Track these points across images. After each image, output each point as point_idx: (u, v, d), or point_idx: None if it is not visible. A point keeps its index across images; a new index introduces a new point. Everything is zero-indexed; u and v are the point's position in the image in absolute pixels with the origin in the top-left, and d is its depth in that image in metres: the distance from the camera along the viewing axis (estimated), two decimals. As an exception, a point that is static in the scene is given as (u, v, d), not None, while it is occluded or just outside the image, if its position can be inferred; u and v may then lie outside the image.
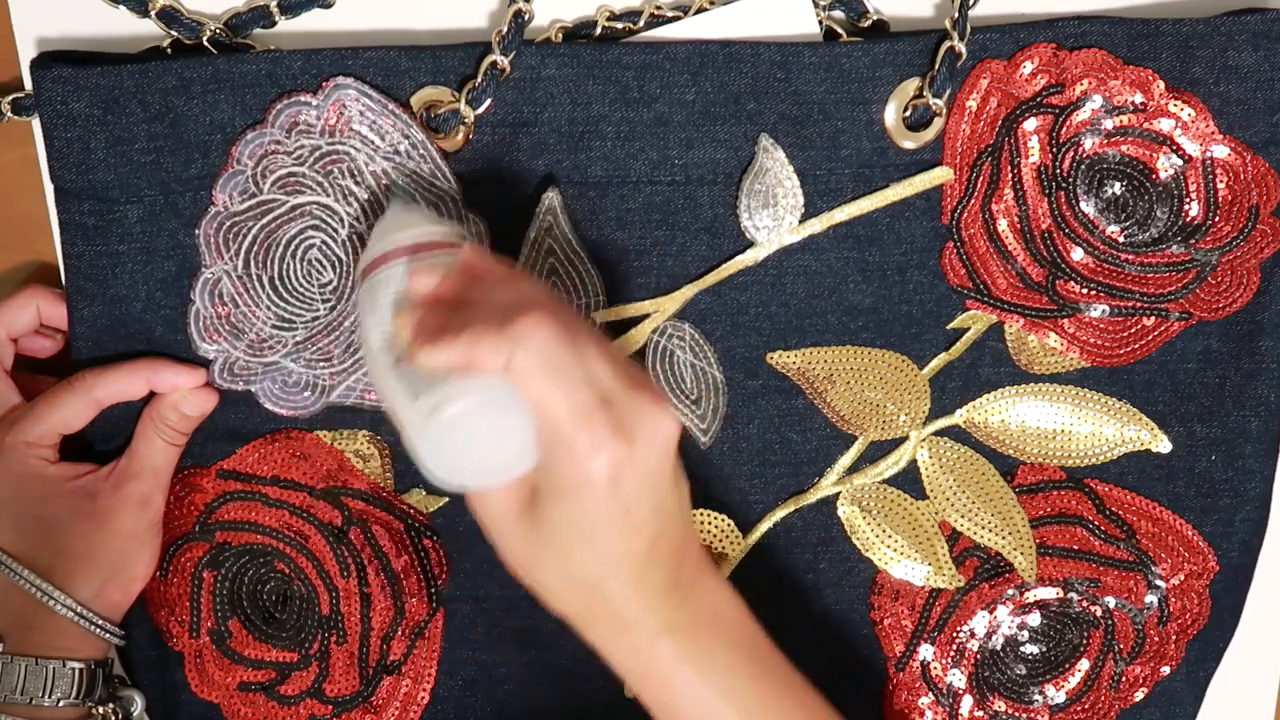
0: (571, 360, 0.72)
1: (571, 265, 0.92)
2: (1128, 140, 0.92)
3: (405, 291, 0.79)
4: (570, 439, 0.72)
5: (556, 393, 0.72)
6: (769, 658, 0.82)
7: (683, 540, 0.78)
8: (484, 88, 0.88)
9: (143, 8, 0.90)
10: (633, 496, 0.74)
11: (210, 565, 0.95)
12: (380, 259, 0.81)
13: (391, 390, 0.76)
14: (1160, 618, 0.99)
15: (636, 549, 0.75)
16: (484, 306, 0.74)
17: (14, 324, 0.92)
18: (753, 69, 0.90)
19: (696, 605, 0.79)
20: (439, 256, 0.80)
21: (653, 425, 0.74)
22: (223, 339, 0.91)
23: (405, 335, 0.76)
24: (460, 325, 0.73)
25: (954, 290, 0.94)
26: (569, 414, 0.72)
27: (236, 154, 0.89)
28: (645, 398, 0.74)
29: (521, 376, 0.72)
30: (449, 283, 0.78)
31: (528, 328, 0.72)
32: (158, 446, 0.91)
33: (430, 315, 0.76)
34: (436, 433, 0.73)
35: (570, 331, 0.73)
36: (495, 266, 0.79)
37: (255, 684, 0.96)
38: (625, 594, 0.76)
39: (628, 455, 0.73)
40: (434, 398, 0.73)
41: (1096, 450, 0.96)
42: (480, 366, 0.72)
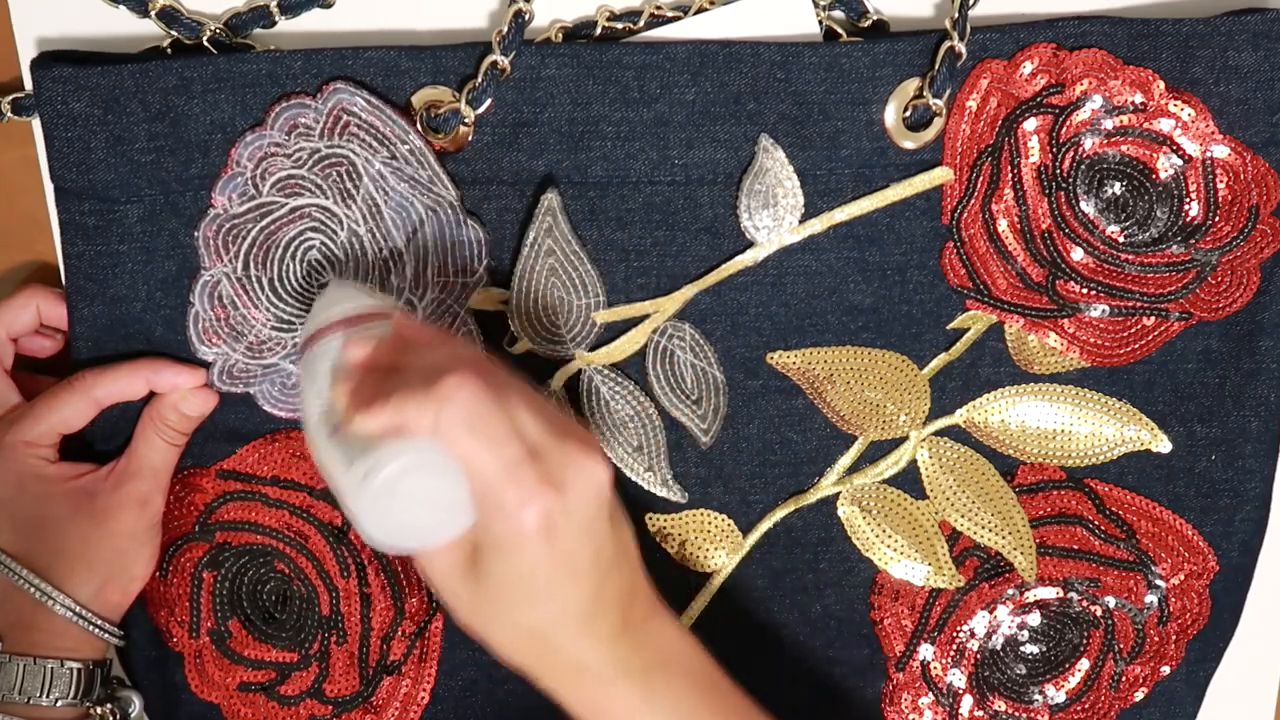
0: (496, 416, 0.73)
1: (571, 265, 0.92)
2: (1128, 140, 0.92)
3: (340, 362, 0.79)
4: (501, 494, 0.73)
5: (483, 449, 0.73)
6: (728, 694, 0.83)
7: (629, 584, 0.79)
8: (484, 88, 0.88)
9: (143, 8, 0.90)
10: (570, 545, 0.74)
11: (210, 565, 0.95)
12: (317, 334, 0.82)
13: (328, 460, 0.77)
14: (1160, 618, 0.99)
15: (581, 597, 0.76)
16: (414, 371, 0.75)
17: (14, 324, 0.92)
18: (753, 69, 0.90)
19: (650, 647, 0.80)
20: (373, 327, 0.81)
21: (583, 473, 0.75)
22: (222, 341, 0.91)
23: (342, 404, 0.77)
24: (390, 391, 0.74)
25: (954, 290, 0.94)
26: (497, 469, 0.73)
27: (236, 156, 0.89)
28: (574, 447, 0.75)
29: (448, 436, 0.72)
30: (381, 351, 0.79)
31: (450, 388, 0.72)
32: (157, 447, 0.91)
33: (364, 384, 0.76)
34: (371, 497, 0.74)
35: (495, 388, 0.74)
36: (426, 332, 0.81)
37: (255, 684, 0.96)
38: (575, 643, 0.77)
39: (560, 505, 0.73)
40: (366, 463, 0.73)
41: (1096, 450, 0.96)
42: (409, 429, 0.73)
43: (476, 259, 0.91)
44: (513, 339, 0.92)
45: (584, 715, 0.79)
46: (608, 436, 0.94)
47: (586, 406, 0.94)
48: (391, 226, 0.90)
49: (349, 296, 0.84)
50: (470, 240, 0.91)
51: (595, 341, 0.93)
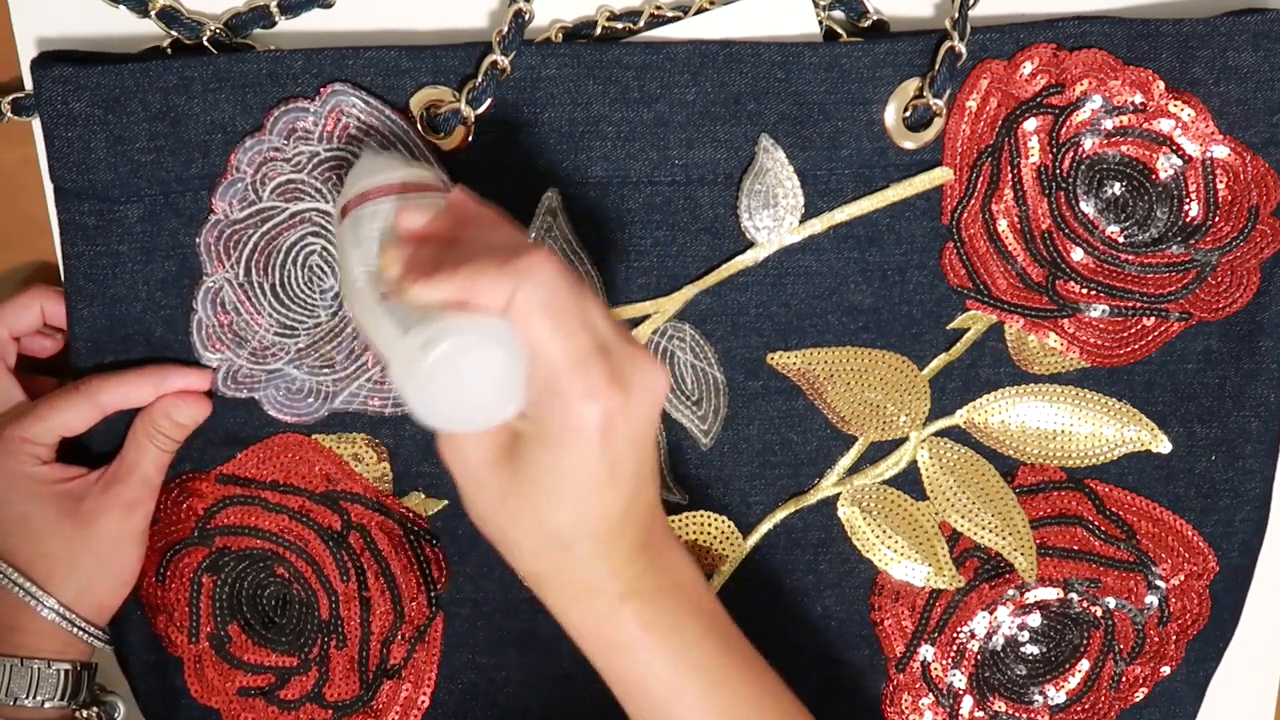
0: (573, 304, 0.70)
1: (571, 265, 0.91)
2: (1128, 140, 0.92)
3: (393, 228, 0.76)
4: (566, 384, 0.70)
5: (557, 335, 0.70)
6: (731, 631, 0.81)
7: (653, 507, 0.77)
8: (484, 88, 0.88)
9: (143, 8, 0.90)
10: (620, 450, 0.72)
11: (209, 570, 0.94)
12: (364, 195, 0.79)
13: (377, 326, 0.74)
14: (1160, 618, 0.99)
15: (614, 507, 0.73)
16: (479, 246, 0.72)
17: (17, 323, 0.92)
18: (753, 69, 0.90)
19: (663, 572, 0.77)
20: (427, 197, 0.78)
21: (647, 378, 0.72)
22: (226, 347, 0.91)
23: (394, 270, 0.73)
24: (456, 262, 0.71)
25: (954, 290, 0.94)
26: (567, 358, 0.70)
27: (235, 161, 0.89)
28: (640, 351, 0.73)
29: (523, 315, 0.69)
30: (439, 222, 0.76)
31: (533, 264, 0.69)
32: (149, 452, 0.91)
33: (421, 253, 0.73)
34: (427, 369, 0.70)
35: (573, 276, 0.71)
36: (486, 210, 0.77)
37: (255, 689, 0.96)
38: (596, 553, 0.75)
39: (621, 405, 0.71)
40: (426, 333, 0.70)
41: (1096, 451, 0.96)
42: (479, 303, 0.70)
43: (476, 260, 0.91)
44: (513, 340, 0.92)
45: (589, 635, 0.77)
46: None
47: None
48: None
49: (396, 164, 0.81)
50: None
51: (595, 342, 0.93)
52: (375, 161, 0.82)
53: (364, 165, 0.82)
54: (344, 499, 0.94)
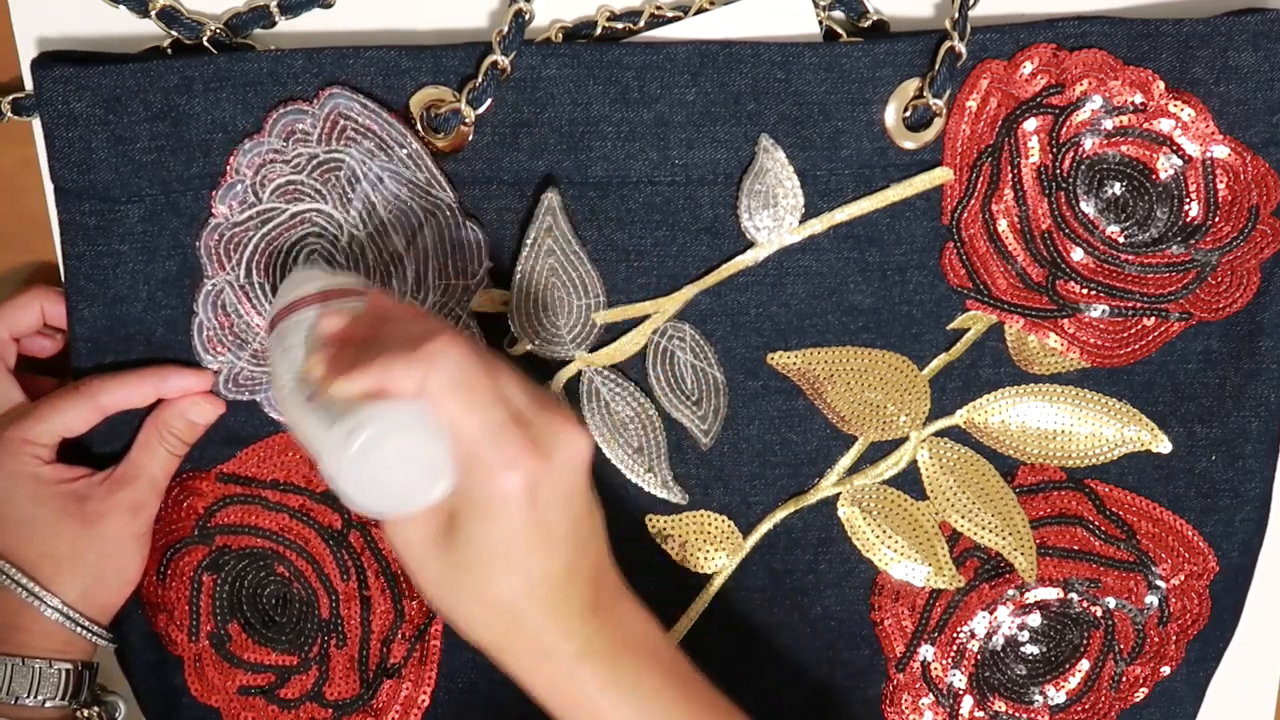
0: (484, 379, 0.73)
1: (571, 265, 0.92)
2: (1128, 140, 0.92)
3: (316, 333, 0.79)
4: (485, 456, 0.73)
5: (469, 411, 0.72)
6: (692, 679, 0.82)
7: (599, 563, 0.79)
8: (484, 88, 0.88)
9: (143, 8, 0.90)
10: (551, 513, 0.74)
11: (210, 569, 0.95)
12: (290, 307, 0.82)
13: (307, 424, 0.77)
14: (1160, 618, 0.99)
15: (555, 570, 0.75)
16: (395, 339, 0.75)
17: (17, 324, 0.92)
18: (753, 69, 0.90)
19: (617, 629, 0.79)
20: (348, 301, 0.81)
21: (568, 441, 0.75)
22: (226, 350, 0.91)
23: (318, 372, 0.76)
24: (372, 356, 0.74)
25: (954, 290, 0.94)
26: (483, 432, 0.73)
27: (234, 164, 0.89)
28: (558, 416, 0.75)
29: (435, 397, 0.72)
30: (359, 323, 0.79)
31: (439, 347, 0.72)
32: (158, 455, 0.91)
33: (342, 353, 0.76)
34: (354, 457, 0.73)
35: (481, 353, 0.74)
36: (403, 306, 0.81)
37: (255, 687, 0.96)
38: (545, 619, 0.76)
39: (543, 470, 0.73)
40: (349, 423, 0.73)
41: (1096, 450, 0.96)
42: (394, 391, 0.73)
43: (477, 261, 0.91)
44: (513, 340, 0.92)
45: (550, 699, 0.79)
46: (608, 437, 0.94)
47: (587, 407, 0.94)
48: (391, 230, 0.90)
49: (320, 275, 0.84)
50: (470, 242, 0.91)
51: (595, 342, 0.93)
52: (299, 276, 0.84)
53: (289, 281, 0.84)
54: (344, 498, 0.94)
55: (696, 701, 0.81)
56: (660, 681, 0.79)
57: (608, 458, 0.94)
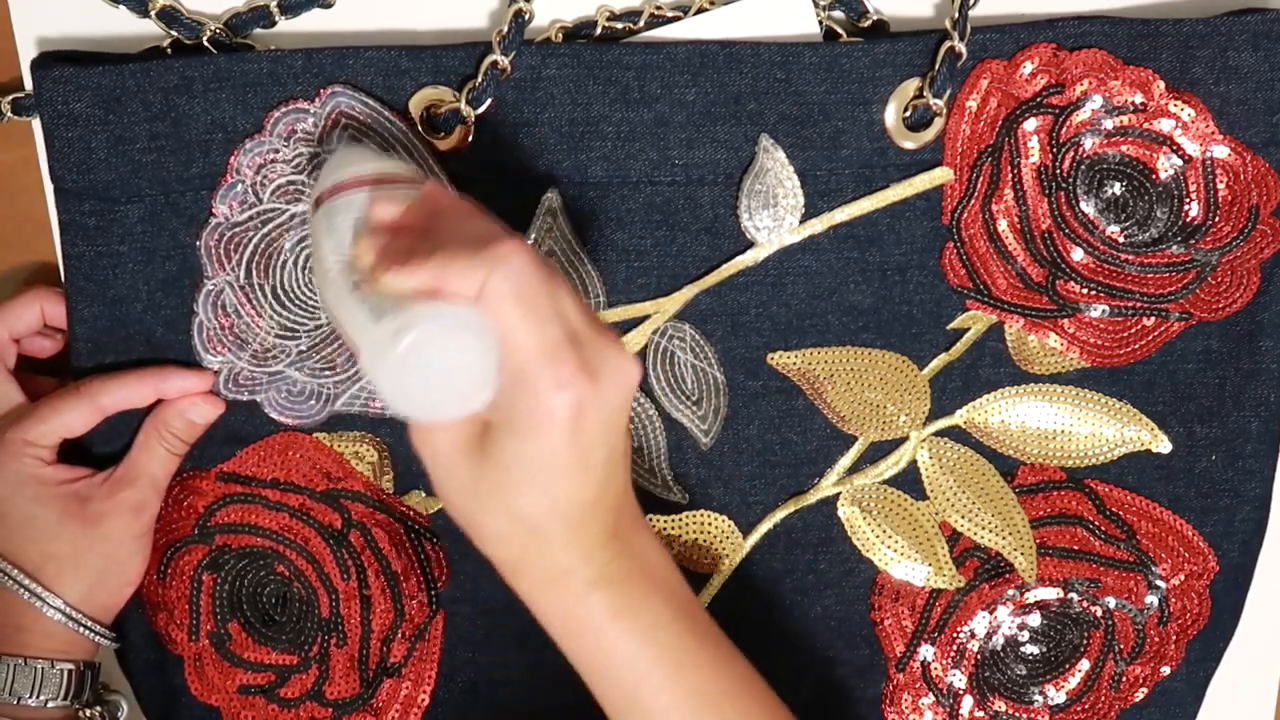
0: (545, 293, 0.71)
1: (571, 265, 0.92)
2: (1128, 140, 0.92)
3: (367, 218, 0.77)
4: (536, 373, 0.70)
5: (528, 324, 0.70)
6: (700, 616, 0.81)
7: (624, 493, 0.77)
8: (484, 88, 0.88)
9: (143, 8, 0.90)
10: (591, 439, 0.72)
11: (210, 568, 0.95)
12: (338, 186, 0.79)
13: (350, 314, 0.74)
14: (1160, 618, 0.99)
15: (585, 494, 0.74)
16: (453, 236, 0.72)
17: (17, 324, 0.92)
18: (753, 69, 0.90)
19: (633, 559, 0.78)
20: (401, 189, 0.78)
21: (618, 368, 0.73)
22: (227, 350, 0.91)
23: (367, 259, 0.74)
24: (429, 252, 0.71)
25: (954, 290, 0.94)
26: (538, 347, 0.70)
27: (235, 164, 0.89)
28: (612, 340, 0.73)
29: (494, 303, 0.70)
30: (413, 213, 0.76)
31: (506, 252, 0.70)
32: (158, 455, 0.91)
33: (394, 243, 0.74)
34: (399, 357, 0.70)
35: (544, 263, 0.72)
36: (461, 201, 0.78)
37: (255, 687, 0.96)
38: (566, 540, 0.75)
39: (592, 395, 0.71)
40: (398, 320, 0.70)
41: (1096, 450, 0.96)
42: (451, 291, 0.70)
43: (476, 260, 0.91)
44: (513, 340, 0.92)
45: (558, 622, 0.78)
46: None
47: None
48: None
49: (370, 156, 0.82)
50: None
51: (595, 342, 0.93)
52: (349, 154, 0.82)
53: (338, 158, 0.82)
54: (344, 497, 0.94)
55: (703, 639, 0.80)
56: (670, 615, 0.78)
57: None
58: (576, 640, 0.78)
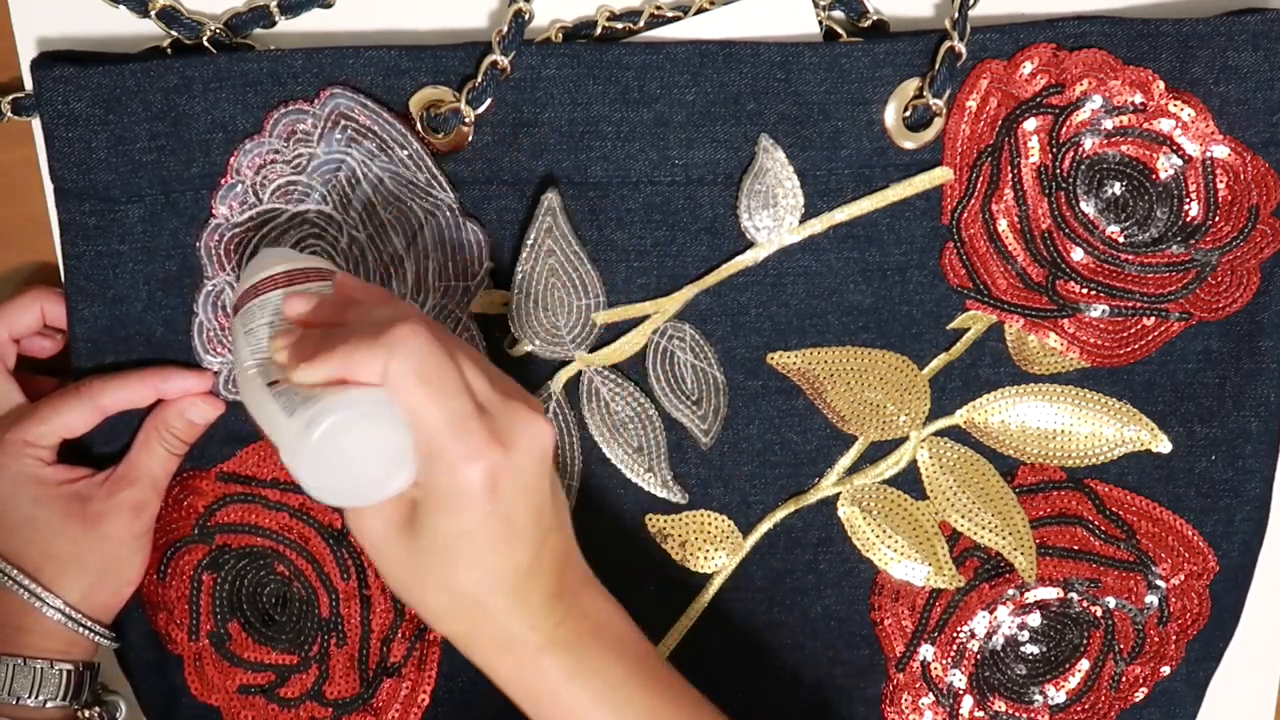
0: (446, 368, 0.72)
1: (571, 265, 0.92)
2: (1128, 140, 0.92)
3: (281, 317, 0.79)
4: (447, 448, 0.72)
5: (432, 401, 0.72)
6: (658, 668, 0.82)
7: (564, 554, 0.79)
8: (484, 87, 0.88)
9: (143, 8, 0.90)
10: (512, 505, 0.74)
11: (210, 568, 0.95)
12: (253, 289, 0.81)
13: (267, 413, 0.76)
14: (1160, 618, 0.99)
15: (519, 561, 0.75)
16: (360, 324, 0.74)
17: (17, 325, 0.92)
18: (753, 69, 0.90)
19: (581, 618, 0.79)
20: (313, 285, 0.81)
21: (529, 432, 0.74)
22: (226, 350, 0.91)
23: (281, 357, 0.76)
24: (335, 343, 0.73)
25: (954, 290, 0.94)
26: (445, 422, 0.72)
27: (235, 164, 0.89)
28: (521, 406, 0.75)
29: (396, 386, 0.71)
30: (325, 307, 0.78)
31: (402, 335, 0.71)
32: (158, 455, 0.91)
33: (306, 339, 0.76)
34: (314, 447, 0.72)
35: (445, 341, 0.73)
36: (370, 290, 0.80)
37: (255, 686, 0.96)
38: (509, 609, 0.76)
39: (505, 462, 0.73)
40: (309, 412, 0.72)
41: (1096, 450, 0.96)
42: (356, 378, 0.72)
43: (477, 261, 0.91)
44: (513, 340, 0.92)
45: (515, 688, 0.78)
46: (608, 437, 0.94)
47: (587, 407, 0.94)
48: (391, 231, 0.90)
49: (287, 257, 0.83)
50: (470, 243, 0.91)
51: (595, 342, 0.93)
52: (264, 257, 0.84)
53: (254, 262, 0.84)
54: (345, 497, 0.94)
55: (663, 692, 0.81)
56: (625, 671, 0.79)
57: (608, 457, 0.94)
58: (535, 704, 0.79)
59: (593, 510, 0.95)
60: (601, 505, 0.95)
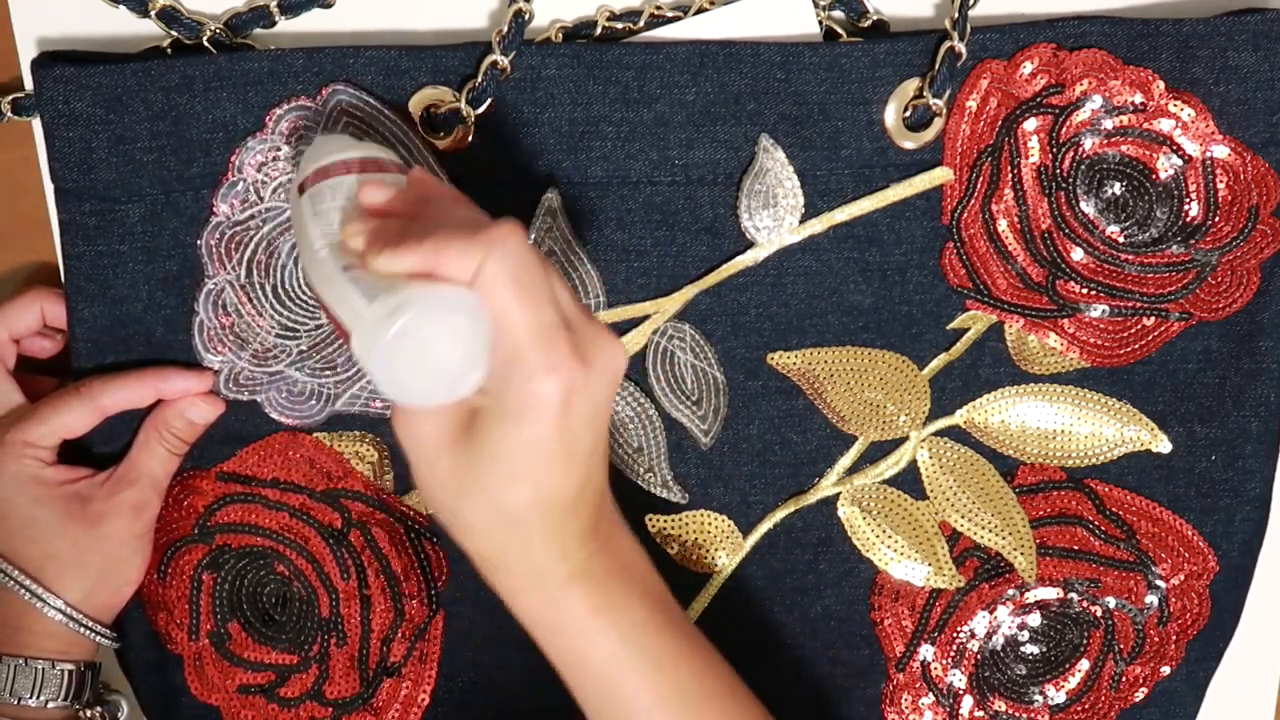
0: (540, 277, 0.70)
1: (571, 265, 0.92)
2: (1128, 140, 0.92)
3: (354, 203, 0.76)
4: (529, 356, 0.70)
5: (523, 306, 0.69)
6: (679, 616, 0.81)
7: (603, 490, 0.77)
8: (484, 88, 0.88)
9: (143, 8, 0.90)
10: (578, 427, 0.72)
11: (210, 567, 0.95)
12: (323, 171, 0.79)
13: (342, 296, 0.73)
14: (1160, 618, 0.99)
15: (569, 487, 0.73)
16: (443, 221, 0.72)
17: (17, 325, 0.92)
18: (753, 69, 0.90)
19: (611, 555, 0.77)
20: (387, 175, 0.78)
21: (608, 354, 0.72)
22: (227, 349, 0.91)
23: (358, 242, 0.73)
24: (420, 235, 0.70)
25: (954, 290, 0.94)
26: (532, 330, 0.69)
27: (236, 163, 0.89)
28: (603, 327, 0.73)
29: (490, 286, 0.69)
30: (401, 198, 0.76)
31: (502, 235, 0.69)
32: (158, 455, 0.91)
33: (385, 227, 0.73)
34: (392, 338, 0.69)
35: (538, 251, 0.72)
36: (447, 188, 0.78)
37: (255, 686, 0.96)
38: (547, 535, 0.74)
39: (582, 379, 0.71)
40: (392, 301, 0.69)
41: (1096, 450, 0.96)
42: (446, 273, 0.69)
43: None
44: (513, 340, 0.92)
45: (536, 618, 0.78)
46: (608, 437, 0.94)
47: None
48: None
49: (353, 142, 0.81)
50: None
51: (595, 342, 0.93)
52: (331, 141, 0.82)
53: (320, 144, 0.82)
54: (344, 497, 0.94)
55: (680, 636, 0.80)
56: (648, 612, 0.78)
57: None
58: (555, 637, 0.78)
59: (593, 510, 0.95)
60: None
